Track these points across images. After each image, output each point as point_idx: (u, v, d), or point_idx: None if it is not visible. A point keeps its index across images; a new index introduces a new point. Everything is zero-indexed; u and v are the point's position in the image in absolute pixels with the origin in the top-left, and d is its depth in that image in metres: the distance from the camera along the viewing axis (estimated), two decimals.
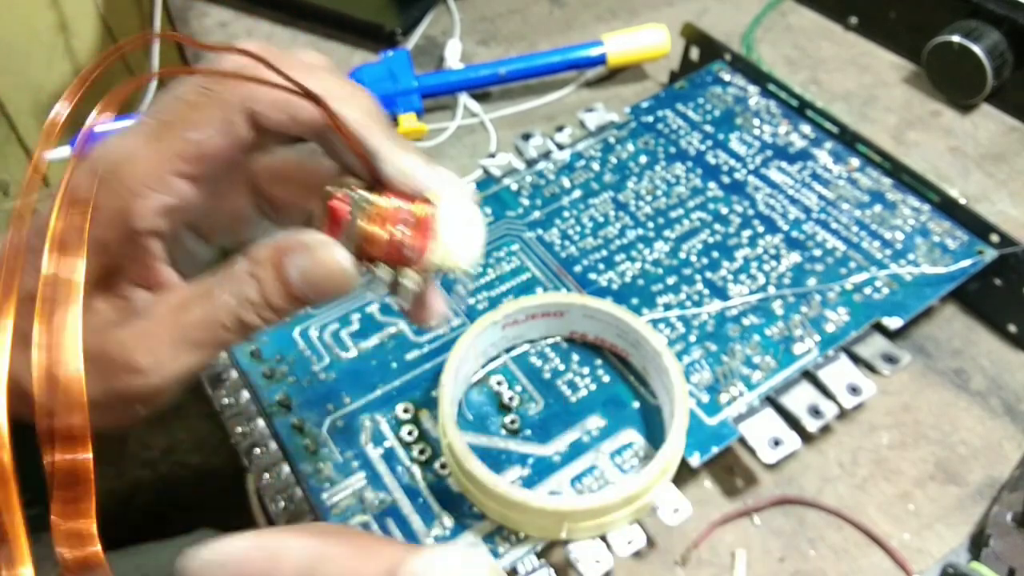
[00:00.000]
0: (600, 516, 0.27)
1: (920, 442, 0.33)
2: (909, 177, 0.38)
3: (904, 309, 0.33)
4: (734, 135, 0.41)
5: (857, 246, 0.36)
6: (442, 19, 0.54)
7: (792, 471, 0.32)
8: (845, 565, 0.29)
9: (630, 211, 0.38)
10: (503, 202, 0.39)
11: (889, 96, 0.47)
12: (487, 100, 0.48)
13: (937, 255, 0.35)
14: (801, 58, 0.49)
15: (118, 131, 0.21)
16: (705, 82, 0.44)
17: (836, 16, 0.51)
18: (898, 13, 0.48)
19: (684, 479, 0.31)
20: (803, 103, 0.42)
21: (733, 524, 0.31)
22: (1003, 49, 0.42)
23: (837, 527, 0.30)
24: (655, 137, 0.42)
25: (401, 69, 0.45)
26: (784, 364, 0.32)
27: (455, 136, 0.46)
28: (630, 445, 0.31)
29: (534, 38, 0.52)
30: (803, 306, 0.34)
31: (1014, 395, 0.34)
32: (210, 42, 0.20)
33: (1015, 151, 0.43)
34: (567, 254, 0.37)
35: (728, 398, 0.31)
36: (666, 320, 0.34)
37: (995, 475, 0.31)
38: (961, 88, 0.45)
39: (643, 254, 0.36)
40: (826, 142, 0.40)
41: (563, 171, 0.40)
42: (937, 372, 0.35)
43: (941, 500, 0.31)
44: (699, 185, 0.39)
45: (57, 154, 0.42)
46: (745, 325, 0.33)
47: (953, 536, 0.30)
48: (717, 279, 0.35)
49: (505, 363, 0.33)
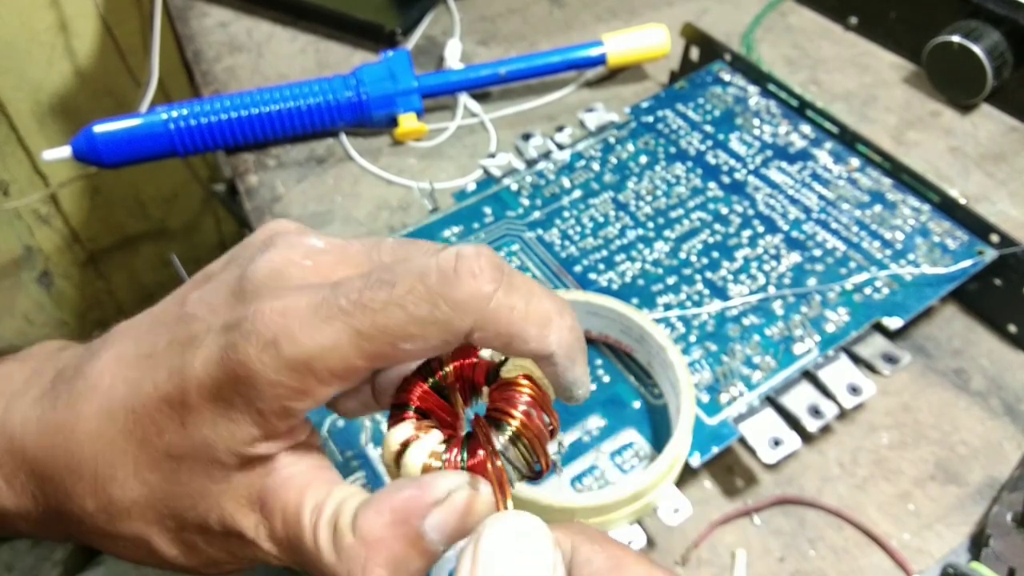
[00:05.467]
0: (604, 514, 0.27)
1: (920, 442, 0.33)
2: (909, 177, 0.38)
3: (904, 309, 0.33)
4: (734, 135, 0.41)
5: (857, 246, 0.36)
6: (442, 19, 0.54)
7: (792, 471, 0.32)
8: (845, 565, 0.29)
9: (630, 211, 0.38)
10: (503, 202, 0.39)
11: (889, 96, 0.47)
12: (487, 100, 0.48)
13: (937, 255, 0.35)
14: (801, 58, 0.49)
15: (306, 305, 0.19)
16: (705, 82, 0.44)
17: (836, 16, 0.51)
18: (898, 13, 0.48)
19: (684, 479, 0.31)
20: (803, 103, 0.42)
21: (733, 524, 0.31)
22: (1003, 49, 0.42)
23: (837, 527, 0.30)
24: (655, 137, 0.42)
25: (401, 69, 0.45)
26: (784, 364, 0.32)
27: (455, 136, 0.46)
28: (630, 445, 0.31)
29: (534, 38, 0.52)
30: (803, 306, 0.34)
31: (1014, 395, 0.34)
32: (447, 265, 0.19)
33: (1015, 151, 0.43)
34: (567, 254, 0.37)
35: (728, 398, 0.31)
36: (666, 320, 0.34)
37: (995, 475, 0.31)
38: (961, 88, 0.45)
39: (643, 254, 0.36)
40: (826, 142, 0.40)
41: (563, 171, 0.40)
42: (937, 372, 0.35)
43: (941, 500, 0.31)
44: (699, 185, 0.39)
45: (57, 154, 0.42)
46: (745, 325, 0.33)
47: (953, 536, 0.30)
48: (717, 279, 0.35)
49: None
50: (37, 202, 0.88)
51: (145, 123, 0.43)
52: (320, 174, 0.45)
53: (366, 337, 0.19)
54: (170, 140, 0.43)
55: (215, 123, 0.43)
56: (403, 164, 0.45)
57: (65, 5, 0.79)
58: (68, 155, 0.43)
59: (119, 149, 0.43)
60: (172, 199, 0.99)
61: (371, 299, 0.19)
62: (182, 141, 0.43)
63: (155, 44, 0.55)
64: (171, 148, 0.43)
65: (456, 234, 0.38)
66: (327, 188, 0.44)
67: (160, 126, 0.42)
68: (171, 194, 0.98)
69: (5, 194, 0.85)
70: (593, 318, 0.32)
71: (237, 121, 0.44)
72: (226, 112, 0.43)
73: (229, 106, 0.43)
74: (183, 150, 0.43)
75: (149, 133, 0.43)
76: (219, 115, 0.43)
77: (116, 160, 0.43)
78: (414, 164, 0.45)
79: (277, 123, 0.44)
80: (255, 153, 0.46)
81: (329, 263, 0.21)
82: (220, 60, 0.52)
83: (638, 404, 0.32)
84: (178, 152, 0.44)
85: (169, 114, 0.43)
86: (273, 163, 0.45)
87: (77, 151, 0.42)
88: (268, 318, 0.19)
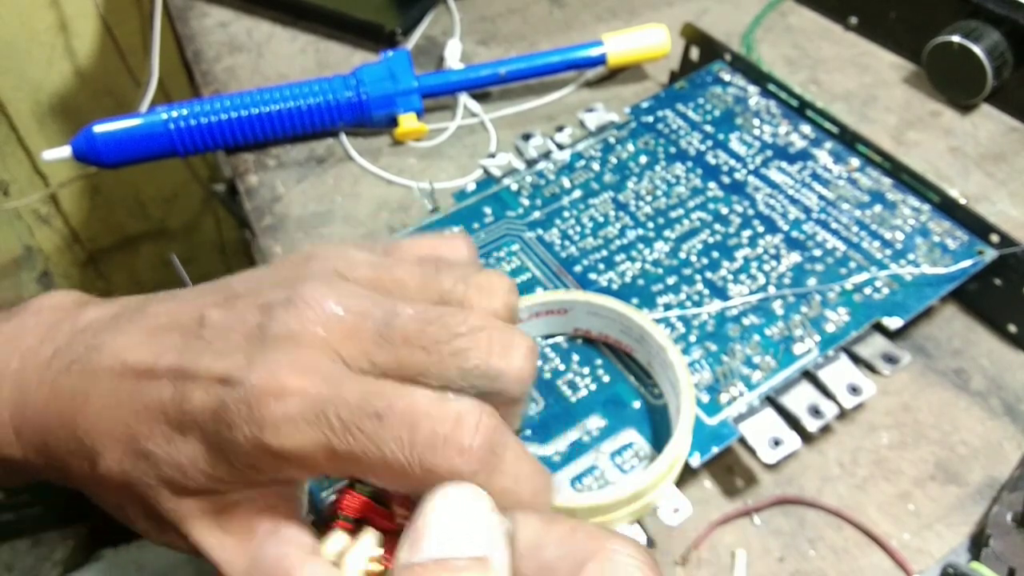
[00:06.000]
0: (603, 514, 0.27)
1: (920, 442, 0.33)
2: (909, 177, 0.38)
3: (904, 309, 0.33)
4: (734, 135, 0.41)
5: (857, 246, 0.36)
6: (442, 19, 0.54)
7: (792, 471, 0.32)
8: (845, 565, 0.29)
9: (630, 211, 0.38)
10: (503, 202, 0.39)
11: (889, 96, 0.47)
12: (487, 100, 0.48)
13: (937, 255, 0.35)
14: (801, 58, 0.49)
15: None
16: (705, 82, 0.44)
17: (836, 16, 0.51)
18: (898, 13, 0.48)
19: (684, 479, 0.31)
20: (803, 103, 0.42)
21: (733, 524, 0.31)
22: (1003, 49, 0.42)
23: (837, 527, 0.30)
24: (655, 137, 0.42)
25: (401, 69, 0.45)
26: (784, 364, 0.32)
27: (455, 136, 0.46)
28: (630, 445, 0.31)
29: (534, 38, 0.52)
30: (803, 306, 0.34)
31: (1014, 395, 0.34)
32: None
33: (1015, 151, 0.43)
34: (567, 254, 0.37)
35: (728, 398, 0.31)
36: (666, 320, 0.34)
37: (995, 475, 0.31)
38: (961, 88, 0.45)
39: (643, 254, 0.36)
40: (826, 142, 0.40)
41: (563, 171, 0.40)
42: (937, 372, 0.35)
43: (941, 500, 0.31)
44: (699, 185, 0.39)
45: (57, 154, 0.42)
46: (745, 325, 0.33)
47: (953, 536, 0.30)
48: (717, 279, 0.35)
49: None
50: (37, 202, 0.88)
51: (145, 123, 0.43)
52: (320, 174, 0.45)
53: (338, 458, 0.20)
54: (170, 140, 0.43)
55: (215, 123, 0.43)
56: (403, 164, 0.45)
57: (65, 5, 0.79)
58: (68, 155, 0.43)
59: (119, 149, 0.43)
60: (172, 199, 0.99)
61: (357, 427, 0.19)
62: (182, 141, 0.43)
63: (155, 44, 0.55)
64: (171, 148, 0.43)
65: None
66: (327, 188, 0.44)
67: (160, 126, 0.42)
68: (171, 194, 0.98)
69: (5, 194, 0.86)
70: (593, 318, 0.32)
71: (237, 121, 0.44)
72: (226, 112, 0.43)
73: (229, 106, 0.43)
74: (183, 150, 0.43)
75: (149, 133, 0.43)
76: (219, 115, 0.43)
77: (116, 160, 0.43)
78: (414, 164, 0.45)
79: (277, 123, 0.44)
80: (255, 153, 0.46)
81: (340, 336, 0.21)
82: (220, 60, 0.52)
83: (638, 404, 0.32)
84: (178, 152, 0.44)
85: (169, 114, 0.43)
86: (273, 163, 0.45)
87: (77, 151, 0.42)
88: (262, 400, 0.20)
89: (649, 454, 0.30)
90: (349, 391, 0.20)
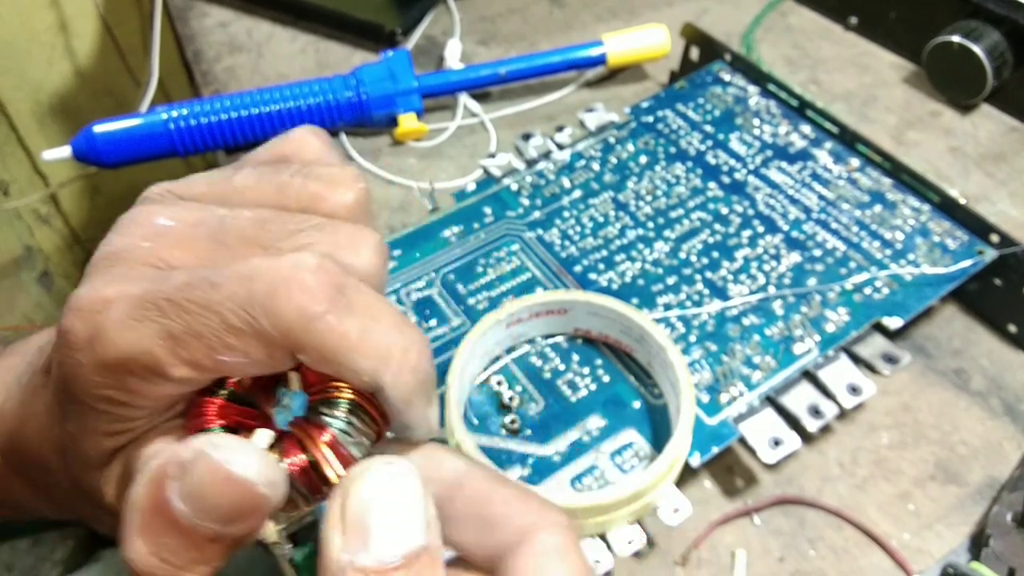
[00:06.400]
0: (604, 514, 0.27)
1: (920, 442, 0.33)
2: (909, 177, 0.38)
3: (904, 309, 0.33)
4: (734, 135, 0.41)
5: (857, 246, 0.36)
6: (442, 19, 0.54)
7: (792, 471, 0.32)
8: (845, 565, 0.30)
9: (630, 211, 0.38)
10: (503, 202, 0.39)
11: (889, 96, 0.47)
12: (487, 100, 0.48)
13: (937, 255, 0.35)
14: (801, 58, 0.49)
15: (118, 303, 0.18)
16: (705, 82, 0.44)
17: (836, 16, 0.51)
18: (898, 13, 0.48)
19: (684, 479, 0.31)
20: (803, 103, 0.42)
21: (733, 524, 0.31)
22: (1003, 49, 0.42)
23: (837, 527, 0.30)
24: (655, 137, 0.42)
25: (401, 69, 0.45)
26: (784, 364, 0.32)
27: (455, 136, 0.46)
28: (630, 445, 0.31)
29: (534, 38, 0.52)
30: (803, 306, 0.34)
31: (1014, 395, 0.34)
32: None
33: (1015, 151, 0.43)
34: (567, 254, 0.37)
35: (728, 398, 0.31)
36: (666, 320, 0.34)
37: (995, 475, 0.31)
38: (961, 88, 0.45)
39: (643, 254, 0.36)
40: (826, 142, 0.40)
41: (563, 171, 0.40)
42: (937, 372, 0.35)
43: (941, 500, 0.31)
44: (699, 185, 0.39)
45: (57, 154, 0.42)
46: (745, 325, 0.33)
47: (953, 536, 0.30)
48: (717, 279, 0.35)
49: (505, 363, 0.33)
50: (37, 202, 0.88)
51: (145, 123, 0.43)
52: None
53: (180, 343, 0.17)
54: (170, 140, 0.43)
55: (215, 123, 0.43)
56: (403, 164, 0.45)
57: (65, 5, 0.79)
58: (68, 155, 0.43)
59: (119, 149, 0.43)
60: None
61: (187, 300, 0.17)
62: (182, 141, 0.43)
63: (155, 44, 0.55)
64: (171, 148, 0.43)
65: (456, 234, 0.38)
66: None
67: (160, 126, 0.42)
68: None
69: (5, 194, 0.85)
70: (593, 318, 0.32)
71: (237, 121, 0.44)
72: (226, 112, 0.43)
73: (229, 106, 0.43)
74: (183, 150, 0.43)
75: (149, 133, 0.43)
76: (219, 115, 0.43)
77: (116, 160, 0.43)
78: (414, 164, 0.45)
79: (277, 123, 0.44)
80: None
81: (168, 244, 0.19)
82: (220, 60, 0.52)
83: (638, 404, 0.32)
84: (178, 152, 0.44)
85: (169, 114, 0.43)
86: None
87: (77, 151, 0.42)
88: (87, 319, 0.18)
89: (649, 454, 0.30)
90: (176, 277, 0.18)
